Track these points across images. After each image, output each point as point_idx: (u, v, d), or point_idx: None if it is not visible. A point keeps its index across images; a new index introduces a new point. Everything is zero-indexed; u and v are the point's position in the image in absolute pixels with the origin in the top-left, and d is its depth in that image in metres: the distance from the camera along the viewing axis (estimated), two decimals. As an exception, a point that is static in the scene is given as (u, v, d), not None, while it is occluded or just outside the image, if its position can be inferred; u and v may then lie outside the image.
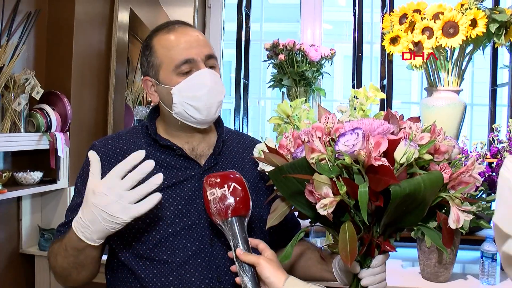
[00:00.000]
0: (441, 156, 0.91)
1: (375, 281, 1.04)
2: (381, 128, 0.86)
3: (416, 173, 0.87)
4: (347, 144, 0.83)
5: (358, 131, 0.83)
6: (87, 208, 1.02)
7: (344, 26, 4.66)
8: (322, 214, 0.85)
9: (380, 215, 0.91)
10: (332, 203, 0.84)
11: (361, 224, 0.93)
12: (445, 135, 0.92)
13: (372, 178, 0.84)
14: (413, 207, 0.88)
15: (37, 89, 2.14)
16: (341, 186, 0.84)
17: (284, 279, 0.99)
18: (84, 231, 1.04)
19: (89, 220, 1.02)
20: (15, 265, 2.25)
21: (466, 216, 0.85)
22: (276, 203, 1.07)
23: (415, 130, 0.87)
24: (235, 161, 1.32)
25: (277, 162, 1.00)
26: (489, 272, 1.95)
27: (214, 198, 1.07)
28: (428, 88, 2.20)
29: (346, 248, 0.86)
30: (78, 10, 2.41)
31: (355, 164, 0.84)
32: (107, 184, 1.00)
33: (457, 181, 0.89)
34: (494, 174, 1.98)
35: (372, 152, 0.81)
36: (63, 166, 2.34)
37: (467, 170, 0.88)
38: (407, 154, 0.82)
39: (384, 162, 0.81)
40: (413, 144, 0.85)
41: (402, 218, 0.91)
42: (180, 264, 1.17)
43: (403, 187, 0.82)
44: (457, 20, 1.96)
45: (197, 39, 1.23)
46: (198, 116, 1.22)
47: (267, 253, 1.07)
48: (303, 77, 2.61)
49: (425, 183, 0.83)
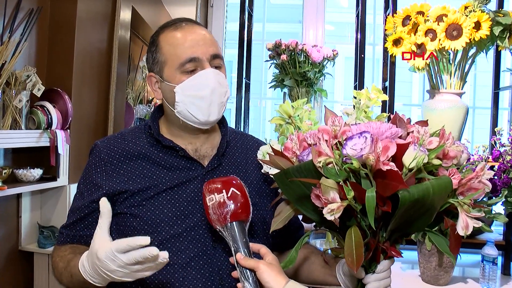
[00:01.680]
0: (449, 161, 0.90)
1: (380, 286, 1.03)
2: (389, 132, 0.85)
3: (425, 178, 0.86)
4: (355, 148, 0.82)
5: (366, 135, 0.82)
6: (92, 265, 0.99)
7: (347, 27, 4.66)
8: (329, 219, 0.84)
9: (387, 220, 0.90)
10: (340, 208, 0.83)
11: (367, 229, 0.92)
12: (454, 140, 0.92)
13: (380, 183, 0.83)
14: (421, 213, 0.87)
15: (38, 86, 2.13)
16: (348, 191, 0.83)
17: (284, 284, 0.98)
18: (91, 278, 1.02)
19: (96, 273, 0.99)
20: (14, 262, 2.24)
21: (475, 223, 0.84)
22: (281, 206, 1.06)
23: (423, 135, 0.86)
24: (238, 162, 1.31)
25: (282, 165, 0.99)
26: (489, 276, 1.95)
27: (213, 204, 1.07)
28: (430, 91, 2.19)
29: (352, 254, 0.85)
30: (80, 8, 2.40)
31: (363, 168, 0.84)
32: (109, 255, 0.95)
33: (466, 187, 0.87)
34: (496, 177, 1.98)
35: (380, 157, 0.81)
36: (63, 163, 2.33)
37: (477, 175, 0.87)
38: (417, 159, 0.81)
39: (393, 167, 0.80)
40: (423, 149, 0.84)
41: (409, 224, 0.90)
42: (182, 266, 1.16)
43: (411, 192, 0.81)
44: (461, 22, 1.95)
45: (204, 38, 1.22)
46: (200, 116, 1.21)
47: (268, 257, 1.06)
48: (305, 77, 2.60)
49: (433, 189, 0.82)
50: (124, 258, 0.94)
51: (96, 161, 1.25)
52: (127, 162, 1.23)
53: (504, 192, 1.92)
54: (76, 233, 1.23)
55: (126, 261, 0.94)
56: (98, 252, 0.96)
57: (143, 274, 0.97)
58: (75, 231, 1.24)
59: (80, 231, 1.23)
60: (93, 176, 1.23)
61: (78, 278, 1.05)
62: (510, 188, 1.92)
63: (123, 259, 0.94)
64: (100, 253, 0.96)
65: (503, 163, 1.97)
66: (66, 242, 1.24)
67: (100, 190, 1.20)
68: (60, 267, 1.17)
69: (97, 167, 1.24)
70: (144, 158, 1.24)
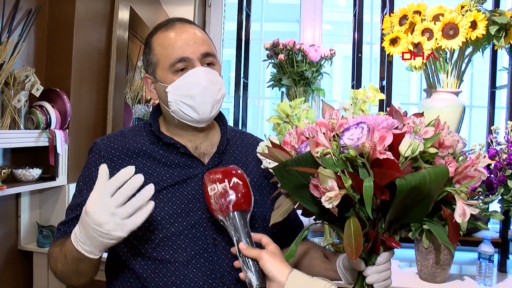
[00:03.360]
0: (445, 151, 0.91)
1: (380, 278, 1.03)
2: (385, 122, 0.86)
3: (422, 167, 0.87)
4: (351, 138, 0.83)
5: (363, 125, 0.83)
6: (83, 226, 1.00)
7: (344, 26, 4.67)
8: (327, 207, 0.85)
9: (385, 210, 0.91)
10: (337, 196, 0.84)
11: (366, 219, 0.93)
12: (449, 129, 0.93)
13: (377, 172, 0.84)
14: (418, 201, 0.88)
15: (37, 86, 2.14)
16: (346, 179, 0.84)
17: (287, 273, 0.98)
18: (83, 246, 1.01)
19: (86, 237, 1.00)
20: (13, 262, 2.25)
21: (473, 210, 0.85)
22: (280, 199, 1.07)
23: (419, 124, 0.87)
24: (238, 160, 1.32)
25: (281, 157, 1.00)
26: (486, 273, 1.96)
27: (215, 193, 1.07)
28: (427, 90, 2.21)
29: (351, 243, 0.86)
30: (78, 8, 2.41)
31: (360, 157, 0.85)
32: (98, 202, 0.96)
33: (462, 175, 0.89)
34: (492, 175, 1.99)
35: (377, 146, 0.82)
36: (62, 163, 2.34)
37: (473, 163, 0.88)
38: (412, 146, 0.82)
39: (389, 156, 0.81)
40: (418, 137, 0.85)
41: (408, 213, 0.91)
42: (183, 263, 1.16)
43: (408, 180, 0.82)
44: (457, 22, 1.97)
45: (194, 37, 1.22)
46: (194, 115, 1.21)
47: (271, 247, 1.06)
48: (302, 77, 2.61)
49: (430, 176, 0.83)
50: (114, 200, 0.95)
51: (96, 159, 1.25)
52: (127, 159, 1.23)
53: (500, 190, 1.93)
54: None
55: (115, 201, 0.95)
56: (87, 206, 0.97)
57: (134, 221, 0.97)
58: (73, 227, 1.23)
59: None
60: (93, 174, 1.23)
61: (71, 255, 1.05)
62: (506, 186, 1.94)
63: (112, 201, 0.95)
64: (89, 204, 0.97)
65: (499, 161, 1.98)
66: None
67: None
68: (56, 252, 1.16)
69: (97, 164, 1.23)
70: (144, 156, 1.24)
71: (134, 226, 0.98)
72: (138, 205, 0.97)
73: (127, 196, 0.96)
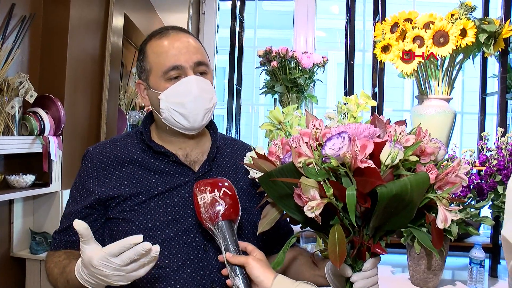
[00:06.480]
0: (427, 158, 0.93)
1: (367, 284, 1.04)
2: (367, 131, 0.88)
3: (403, 175, 0.89)
4: (333, 148, 0.85)
5: (344, 135, 0.85)
6: (89, 272, 1.01)
7: (337, 33, 4.69)
8: (309, 216, 0.86)
9: (369, 218, 0.92)
10: (319, 205, 0.85)
11: (351, 227, 0.94)
12: (431, 137, 0.94)
13: (359, 181, 0.85)
14: (401, 209, 0.89)
15: (30, 92, 2.14)
16: (328, 188, 0.85)
17: (273, 278, 1.01)
18: (88, 284, 1.03)
19: (92, 279, 1.01)
20: (6, 269, 2.24)
21: (453, 216, 0.86)
22: (267, 208, 1.09)
23: (400, 133, 0.89)
24: (228, 167, 1.33)
25: (266, 167, 1.02)
26: (477, 278, 1.98)
27: (204, 203, 1.10)
28: (418, 96, 2.23)
29: (335, 250, 0.87)
30: (73, 15, 2.42)
31: (342, 167, 0.86)
32: (103, 262, 0.97)
33: (443, 181, 0.90)
34: (483, 181, 2.01)
35: (358, 155, 0.83)
36: (55, 169, 2.33)
37: (453, 170, 0.90)
38: (391, 155, 0.83)
39: (371, 164, 0.83)
40: (398, 145, 0.87)
41: (391, 220, 0.93)
42: (174, 269, 1.17)
43: (389, 188, 0.83)
44: (447, 29, 1.99)
45: (187, 45, 1.23)
46: (185, 123, 1.23)
47: (256, 253, 1.09)
48: (295, 84, 2.62)
49: (411, 184, 0.85)
50: (118, 261, 0.96)
51: (89, 167, 1.26)
52: (119, 167, 1.25)
53: (490, 196, 1.95)
54: (69, 238, 1.25)
55: (120, 263, 0.96)
56: (92, 261, 0.98)
57: (137, 274, 0.99)
58: (68, 236, 1.25)
59: (73, 236, 1.24)
60: (86, 182, 1.25)
61: (74, 283, 1.07)
62: (496, 192, 1.96)
63: (117, 262, 0.96)
64: (94, 260, 0.97)
65: (489, 167, 2.00)
66: (60, 247, 1.26)
67: (93, 195, 1.22)
68: (56, 273, 1.18)
69: (90, 172, 1.26)
70: (136, 164, 1.26)
71: (138, 277, 1.01)
72: (142, 262, 0.99)
73: (131, 260, 0.97)
